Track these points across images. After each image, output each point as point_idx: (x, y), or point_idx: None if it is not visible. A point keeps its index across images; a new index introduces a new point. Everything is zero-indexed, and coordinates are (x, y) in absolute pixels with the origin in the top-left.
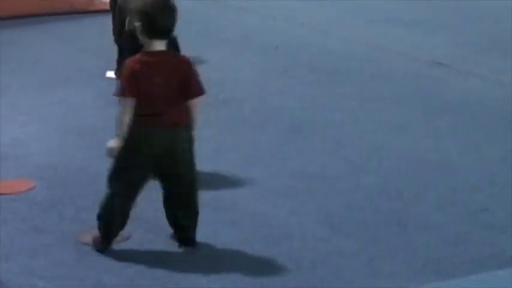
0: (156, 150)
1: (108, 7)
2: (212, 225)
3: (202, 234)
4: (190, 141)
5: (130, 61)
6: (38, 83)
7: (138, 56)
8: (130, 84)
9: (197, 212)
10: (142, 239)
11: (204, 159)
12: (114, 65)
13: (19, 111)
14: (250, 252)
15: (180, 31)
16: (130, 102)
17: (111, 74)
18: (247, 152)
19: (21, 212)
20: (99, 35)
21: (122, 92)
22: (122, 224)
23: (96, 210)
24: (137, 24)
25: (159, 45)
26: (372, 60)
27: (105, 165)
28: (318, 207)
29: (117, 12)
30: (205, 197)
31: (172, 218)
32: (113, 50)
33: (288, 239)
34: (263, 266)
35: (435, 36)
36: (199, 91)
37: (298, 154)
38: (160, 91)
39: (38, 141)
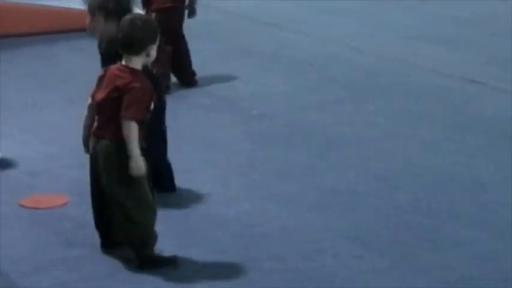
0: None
1: None
2: (243, 240)
3: (233, 248)
4: None
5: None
6: (68, 98)
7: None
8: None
9: None
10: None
11: (236, 174)
12: None
13: (51, 127)
14: (282, 268)
15: (213, 46)
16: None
17: None
18: (279, 167)
19: (54, 226)
20: None
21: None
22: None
23: None
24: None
25: None
26: (404, 76)
27: None
28: (349, 224)
29: None
30: (236, 212)
31: None
32: None
33: (319, 254)
34: (295, 282)
35: (465, 52)
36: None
37: (329, 170)
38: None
39: (70, 157)
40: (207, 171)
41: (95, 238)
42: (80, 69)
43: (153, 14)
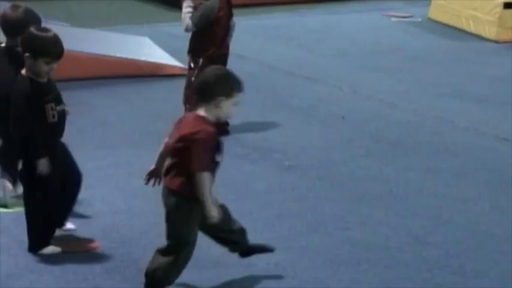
0: None
1: (177, 71)
2: None
3: None
4: None
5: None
6: (104, 144)
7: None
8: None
9: None
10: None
11: (267, 225)
12: None
13: (85, 172)
14: None
15: (249, 97)
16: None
17: None
18: (310, 219)
19: (84, 271)
20: (165, 99)
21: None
22: None
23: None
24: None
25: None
26: (438, 133)
27: None
28: (379, 278)
29: None
30: (267, 263)
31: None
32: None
33: None
34: None
35: (501, 111)
36: None
37: (360, 224)
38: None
39: (103, 202)
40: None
41: (125, 285)
42: (117, 115)
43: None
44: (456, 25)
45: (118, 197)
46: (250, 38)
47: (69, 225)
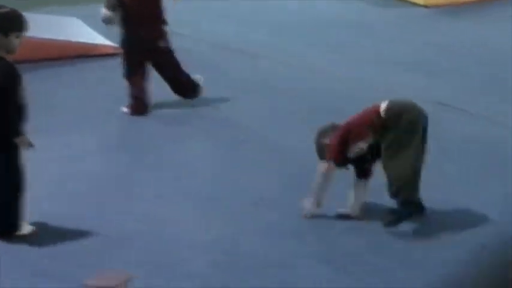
0: None
1: (110, 50)
2: (220, 266)
3: (211, 274)
4: None
5: None
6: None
7: None
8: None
9: None
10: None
11: (217, 202)
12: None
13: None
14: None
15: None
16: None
17: (125, 109)
18: (257, 194)
19: None
20: (102, 78)
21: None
22: None
23: None
24: None
25: None
26: (377, 100)
27: None
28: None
29: None
30: (214, 238)
31: None
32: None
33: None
34: None
35: (439, 78)
36: None
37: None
38: None
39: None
40: (185, 199)
41: None
42: (58, 97)
43: None
44: None
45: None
46: (196, 18)
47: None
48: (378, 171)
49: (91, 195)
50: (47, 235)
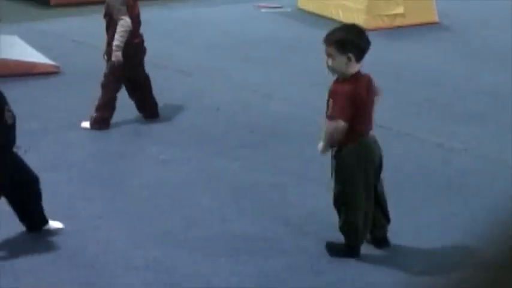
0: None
1: (50, 69)
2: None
3: None
4: None
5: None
6: None
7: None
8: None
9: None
10: None
11: (144, 221)
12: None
13: None
14: None
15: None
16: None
17: (85, 124)
18: (188, 213)
19: None
20: (44, 96)
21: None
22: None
23: None
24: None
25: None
26: (312, 123)
27: None
28: (258, 269)
29: None
30: (144, 259)
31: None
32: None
33: None
34: None
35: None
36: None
37: (240, 216)
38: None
39: None
40: (116, 219)
41: None
42: None
43: None
44: (325, 14)
45: None
46: None
47: (57, 224)
48: None
49: None
50: None
